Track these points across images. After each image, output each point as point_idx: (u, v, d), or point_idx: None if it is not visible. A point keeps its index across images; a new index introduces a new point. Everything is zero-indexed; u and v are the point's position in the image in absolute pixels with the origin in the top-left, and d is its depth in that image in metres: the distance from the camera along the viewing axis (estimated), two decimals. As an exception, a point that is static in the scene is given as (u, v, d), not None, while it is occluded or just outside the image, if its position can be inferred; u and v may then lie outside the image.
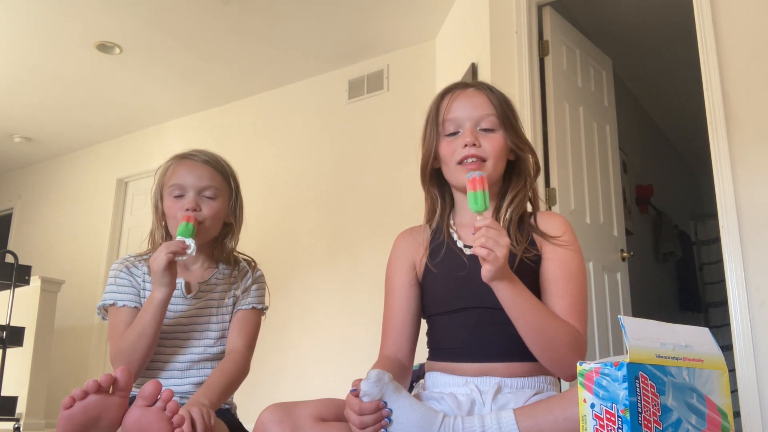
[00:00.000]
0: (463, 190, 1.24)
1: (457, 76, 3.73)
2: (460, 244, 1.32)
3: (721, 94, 2.48)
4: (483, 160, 1.28)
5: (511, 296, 1.13)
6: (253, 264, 1.63)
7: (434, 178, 1.38)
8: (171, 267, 1.39)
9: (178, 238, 1.42)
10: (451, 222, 1.37)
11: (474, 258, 1.26)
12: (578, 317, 1.21)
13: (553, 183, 3.05)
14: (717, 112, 2.47)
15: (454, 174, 1.31)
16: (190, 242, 1.41)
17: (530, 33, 3.20)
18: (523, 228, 1.31)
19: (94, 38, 4.40)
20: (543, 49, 3.22)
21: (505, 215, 1.31)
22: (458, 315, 1.27)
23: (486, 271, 1.09)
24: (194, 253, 1.42)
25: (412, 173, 1.48)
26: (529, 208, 1.39)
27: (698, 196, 6.29)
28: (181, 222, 1.45)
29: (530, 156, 1.35)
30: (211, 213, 1.51)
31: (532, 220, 1.33)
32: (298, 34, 4.35)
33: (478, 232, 1.09)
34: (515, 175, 1.36)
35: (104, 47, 4.49)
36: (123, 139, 5.96)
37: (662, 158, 5.71)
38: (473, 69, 3.47)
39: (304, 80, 4.95)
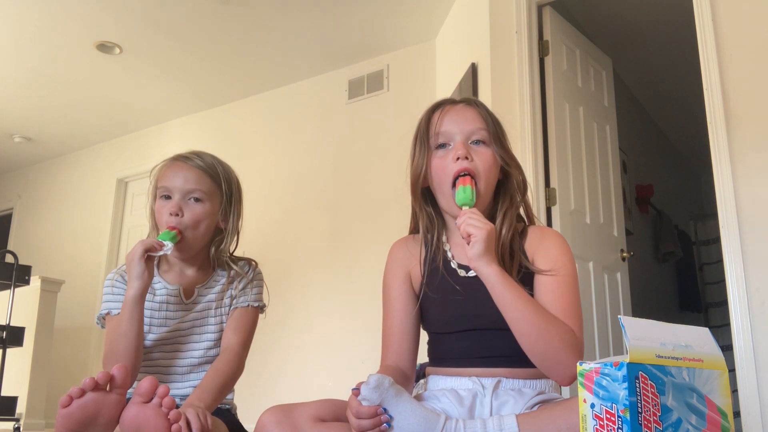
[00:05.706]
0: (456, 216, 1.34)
1: (457, 76, 3.73)
2: (453, 264, 1.31)
3: (721, 94, 2.47)
4: (474, 176, 1.27)
5: (500, 283, 1.14)
6: (253, 264, 1.63)
7: (425, 196, 1.37)
8: (147, 261, 1.40)
9: (158, 239, 1.44)
10: (444, 239, 1.36)
11: (469, 280, 1.27)
12: (573, 318, 1.19)
13: (553, 183, 3.05)
14: (717, 112, 2.47)
15: (448, 201, 1.29)
16: (168, 243, 1.42)
17: (530, 33, 3.20)
18: (515, 246, 1.29)
19: (94, 38, 4.40)
20: (543, 49, 3.21)
21: (500, 235, 1.29)
22: (458, 334, 1.28)
23: (473, 250, 1.14)
24: (170, 252, 1.42)
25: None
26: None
27: (698, 196, 6.29)
28: (166, 229, 1.47)
29: (518, 174, 1.35)
30: (192, 218, 1.49)
31: (523, 241, 1.31)
32: (298, 34, 4.35)
33: (463, 217, 1.16)
34: (502, 194, 1.35)
35: (104, 47, 4.49)
36: (123, 139, 5.96)
37: (662, 158, 5.70)
38: (473, 69, 3.46)
39: (304, 80, 4.95)
